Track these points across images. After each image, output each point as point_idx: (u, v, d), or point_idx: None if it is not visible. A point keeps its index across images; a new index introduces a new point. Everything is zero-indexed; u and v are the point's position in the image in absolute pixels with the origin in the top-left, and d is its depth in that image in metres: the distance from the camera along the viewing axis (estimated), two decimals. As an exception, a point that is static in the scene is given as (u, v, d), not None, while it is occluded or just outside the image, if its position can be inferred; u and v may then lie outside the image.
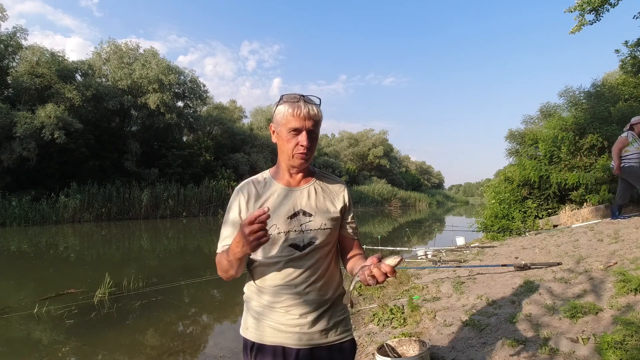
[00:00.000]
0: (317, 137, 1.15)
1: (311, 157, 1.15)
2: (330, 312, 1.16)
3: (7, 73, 18.56)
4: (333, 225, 1.16)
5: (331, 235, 1.17)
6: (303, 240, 1.12)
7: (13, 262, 8.16)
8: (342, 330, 1.17)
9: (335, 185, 1.23)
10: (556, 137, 9.77)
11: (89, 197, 17.74)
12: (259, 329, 1.15)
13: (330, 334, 1.15)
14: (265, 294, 1.15)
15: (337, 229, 1.19)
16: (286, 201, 1.15)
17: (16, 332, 3.90)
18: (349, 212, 1.22)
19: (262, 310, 1.15)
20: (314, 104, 1.12)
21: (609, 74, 15.34)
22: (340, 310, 1.19)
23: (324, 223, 1.14)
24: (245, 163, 26.21)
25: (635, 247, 4.41)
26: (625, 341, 2.15)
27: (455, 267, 5.19)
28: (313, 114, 1.09)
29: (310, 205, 1.16)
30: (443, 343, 2.70)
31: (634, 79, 11.19)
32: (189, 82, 24.49)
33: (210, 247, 10.72)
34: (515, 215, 10.05)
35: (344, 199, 1.21)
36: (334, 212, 1.18)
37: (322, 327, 1.14)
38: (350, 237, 1.23)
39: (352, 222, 1.23)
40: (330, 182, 1.23)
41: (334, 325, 1.16)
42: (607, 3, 6.81)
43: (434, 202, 51.63)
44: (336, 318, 1.17)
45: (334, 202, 1.19)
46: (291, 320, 1.12)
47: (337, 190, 1.22)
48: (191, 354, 3.43)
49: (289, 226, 1.12)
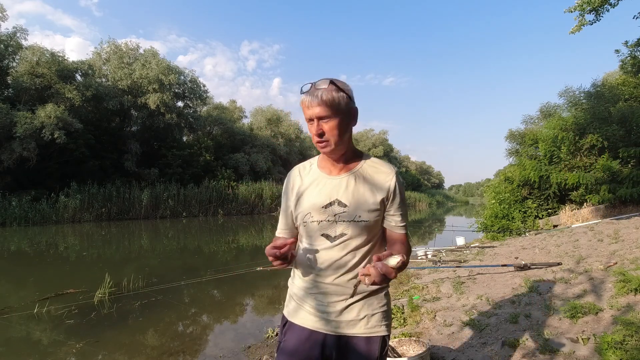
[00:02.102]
0: (336, 121, 1.07)
1: (334, 144, 1.09)
2: (362, 304, 1.13)
3: (7, 73, 18.54)
4: (370, 217, 1.10)
5: (367, 228, 1.11)
6: (335, 231, 1.11)
7: (13, 262, 8.16)
8: (373, 324, 1.13)
9: (380, 175, 1.14)
10: (556, 137, 9.77)
11: (89, 197, 17.73)
12: (293, 309, 1.22)
13: (359, 326, 1.12)
14: (301, 278, 1.21)
15: (376, 221, 1.12)
16: (324, 190, 1.14)
17: (16, 332, 3.89)
18: (394, 203, 1.13)
19: (298, 292, 1.21)
20: (323, 88, 1.05)
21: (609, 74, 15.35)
22: (376, 304, 1.14)
23: (358, 215, 1.09)
24: (245, 163, 26.19)
25: (635, 247, 4.41)
26: (625, 341, 2.15)
27: (455, 267, 5.19)
28: (318, 101, 1.04)
29: (347, 195, 1.11)
30: (443, 343, 2.70)
31: (634, 79, 11.19)
32: (189, 82, 24.48)
33: (210, 247, 10.71)
34: (515, 215, 10.06)
35: (389, 190, 1.12)
36: (373, 204, 1.11)
37: (351, 318, 1.12)
38: (392, 230, 1.15)
39: (395, 214, 1.13)
40: (376, 171, 1.15)
41: (365, 318, 1.12)
42: (607, 3, 6.81)
43: (434, 202, 51.63)
44: (368, 311, 1.13)
45: (375, 193, 1.11)
46: (320, 306, 1.15)
47: (382, 180, 1.13)
48: (191, 354, 3.43)
49: (323, 216, 1.12)
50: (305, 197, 1.17)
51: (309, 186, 1.18)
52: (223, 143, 28.12)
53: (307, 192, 1.17)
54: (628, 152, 8.81)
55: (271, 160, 28.95)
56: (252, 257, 8.65)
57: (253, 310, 4.99)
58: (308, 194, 1.17)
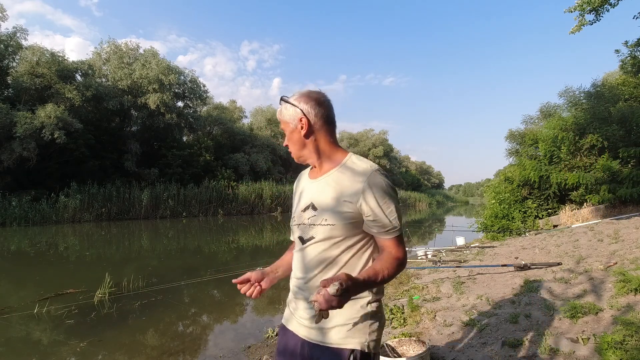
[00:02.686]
0: (289, 133, 1.15)
1: (294, 154, 1.18)
2: (336, 312, 1.00)
3: (7, 73, 18.54)
4: (336, 220, 1.06)
5: (334, 231, 1.06)
6: (307, 234, 1.12)
7: (13, 262, 8.16)
8: (343, 336, 1.05)
9: (354, 177, 1.07)
10: (556, 137, 9.77)
11: (89, 197, 17.72)
12: (286, 310, 1.25)
13: (330, 335, 1.06)
14: (291, 279, 1.24)
15: (345, 224, 1.06)
16: (305, 194, 1.19)
17: (16, 332, 3.89)
18: (368, 206, 1.03)
19: (290, 294, 1.24)
20: (280, 105, 1.16)
21: (609, 74, 15.35)
22: (349, 314, 1.06)
23: (325, 218, 1.07)
24: (245, 163, 26.19)
25: (635, 247, 4.41)
26: (625, 341, 2.15)
27: (455, 267, 5.19)
28: (278, 116, 1.17)
29: (318, 199, 1.11)
30: (443, 343, 2.70)
31: (634, 79, 11.19)
32: (189, 82, 24.48)
33: (210, 247, 10.71)
34: (515, 215, 10.06)
35: (360, 191, 1.04)
36: (339, 207, 1.06)
37: (328, 325, 1.06)
38: (376, 235, 1.07)
39: (375, 219, 1.04)
40: (350, 174, 1.09)
41: (336, 328, 1.06)
42: (607, 3, 6.81)
43: (434, 202, 51.65)
44: (340, 321, 1.05)
45: (343, 196, 1.06)
46: (296, 310, 1.17)
47: (352, 183, 1.06)
48: (191, 354, 3.43)
49: (301, 219, 1.16)
50: (295, 202, 1.26)
51: (300, 192, 1.24)
52: (223, 143, 28.12)
53: (296, 198, 1.26)
54: (628, 152, 8.81)
55: (271, 160, 28.94)
56: (252, 257, 8.65)
57: (253, 310, 4.99)
58: (296, 199, 1.24)
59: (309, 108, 1.11)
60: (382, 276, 0.99)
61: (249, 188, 23.60)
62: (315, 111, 1.12)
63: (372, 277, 0.97)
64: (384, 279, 0.99)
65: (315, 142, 1.14)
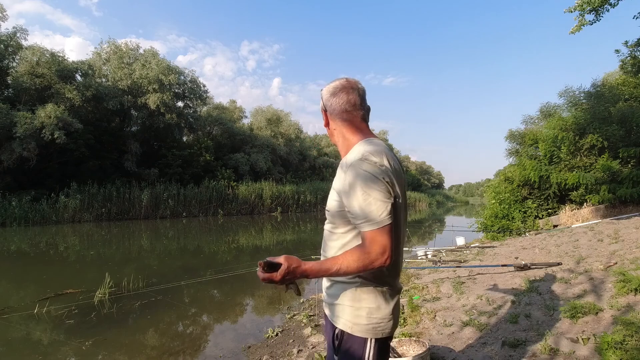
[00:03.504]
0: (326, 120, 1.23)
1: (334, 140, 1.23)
2: (331, 292, 1.17)
3: (7, 73, 18.54)
4: (331, 207, 1.13)
5: (331, 217, 1.14)
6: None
7: (13, 262, 8.16)
8: (335, 314, 1.15)
9: (343, 166, 1.11)
10: (556, 137, 9.77)
11: (89, 197, 17.73)
12: None
13: (328, 311, 1.20)
14: None
15: (338, 212, 1.10)
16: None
17: (16, 332, 3.89)
18: (344, 195, 1.04)
19: None
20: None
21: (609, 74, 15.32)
22: (342, 296, 1.12)
23: (327, 205, 1.17)
24: (245, 163, 26.19)
25: (635, 247, 4.41)
26: (625, 341, 2.15)
27: (455, 267, 5.19)
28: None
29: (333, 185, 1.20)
30: (443, 343, 2.70)
31: (634, 79, 11.18)
32: (189, 82, 24.48)
33: (210, 247, 10.71)
34: (515, 215, 10.05)
35: (340, 180, 1.08)
36: (333, 195, 1.13)
37: (328, 302, 1.19)
38: (357, 227, 1.05)
39: (349, 209, 1.04)
40: (343, 163, 1.13)
41: (335, 305, 1.16)
42: (607, 3, 6.81)
43: (434, 202, 51.62)
44: (331, 300, 1.17)
45: (334, 184, 1.13)
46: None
47: (340, 172, 1.11)
48: (191, 354, 3.43)
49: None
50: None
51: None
52: (223, 143, 28.11)
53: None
54: (628, 152, 8.81)
55: (271, 160, 28.92)
56: (252, 257, 8.65)
57: (253, 310, 4.99)
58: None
59: (330, 96, 1.19)
60: (338, 268, 1.00)
61: (249, 188, 23.60)
62: (329, 102, 1.19)
63: (326, 266, 1.02)
64: (339, 270, 1.00)
65: (340, 131, 1.20)
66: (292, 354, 3.12)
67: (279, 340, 3.53)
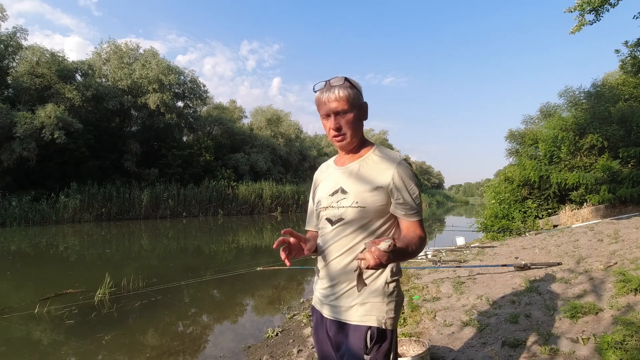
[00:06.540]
0: (352, 116, 1.15)
1: (349, 137, 1.17)
2: (357, 292, 1.12)
3: (7, 73, 18.56)
4: (367, 202, 1.13)
5: (365, 213, 1.14)
6: (335, 216, 1.18)
7: (13, 262, 8.16)
8: (362, 313, 1.13)
9: (384, 163, 1.16)
10: (556, 137, 9.76)
11: (89, 197, 17.73)
12: (314, 292, 1.33)
13: (350, 313, 1.15)
14: (318, 261, 1.30)
15: (376, 207, 1.14)
16: (332, 179, 1.25)
17: (16, 332, 3.89)
18: (398, 190, 1.13)
19: (315, 276, 1.33)
20: (338, 85, 1.13)
21: (609, 74, 15.32)
22: (368, 293, 1.14)
23: (355, 201, 1.14)
24: (245, 163, 26.19)
25: (635, 247, 4.41)
26: (626, 341, 2.15)
27: (455, 267, 5.19)
28: (335, 96, 1.12)
29: (349, 183, 1.18)
30: (443, 343, 2.70)
31: (634, 79, 11.17)
32: (189, 82, 24.49)
33: (210, 247, 10.71)
34: (515, 215, 10.05)
35: (390, 177, 1.13)
36: (370, 190, 1.13)
37: (348, 304, 1.16)
38: (402, 217, 1.15)
39: (403, 202, 1.13)
40: (380, 160, 1.18)
41: (356, 306, 1.15)
42: (607, 3, 6.80)
43: (434, 202, 51.59)
44: (359, 300, 1.14)
45: (374, 180, 1.14)
46: (322, 290, 1.25)
47: (383, 168, 1.15)
48: (191, 354, 3.43)
49: (329, 202, 1.21)
50: (319, 187, 1.32)
51: (324, 179, 1.31)
52: (223, 143, 28.11)
53: (321, 184, 1.31)
54: (628, 152, 8.81)
55: (271, 160, 28.93)
56: (252, 257, 8.65)
57: (253, 310, 4.99)
58: (321, 184, 1.30)
59: (362, 94, 1.21)
60: (412, 248, 1.06)
61: (249, 188, 23.60)
62: (363, 99, 1.21)
63: (406, 247, 1.03)
64: (413, 251, 1.06)
65: (362, 126, 1.23)
66: (292, 354, 3.12)
67: (279, 340, 3.53)
